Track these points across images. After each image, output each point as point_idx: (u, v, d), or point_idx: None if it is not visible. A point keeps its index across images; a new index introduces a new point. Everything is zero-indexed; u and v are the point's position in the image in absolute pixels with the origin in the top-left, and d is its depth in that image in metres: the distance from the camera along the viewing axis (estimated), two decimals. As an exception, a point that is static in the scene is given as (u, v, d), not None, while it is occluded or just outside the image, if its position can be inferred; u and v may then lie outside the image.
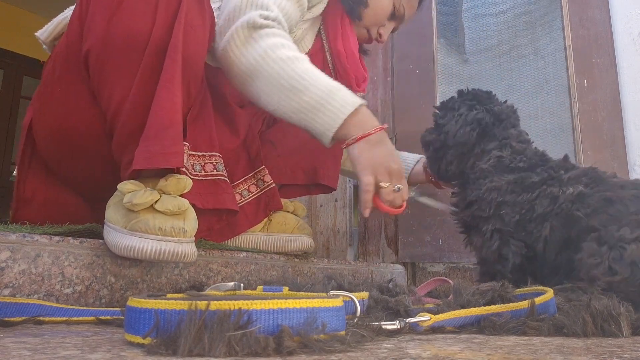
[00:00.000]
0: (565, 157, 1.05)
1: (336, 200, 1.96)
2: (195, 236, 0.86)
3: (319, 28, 1.28)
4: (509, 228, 1.00)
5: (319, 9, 1.22)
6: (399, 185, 1.02)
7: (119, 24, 0.86)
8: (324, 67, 1.25)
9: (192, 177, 0.97)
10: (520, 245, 0.99)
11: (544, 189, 0.98)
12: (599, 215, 0.90)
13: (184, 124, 0.93)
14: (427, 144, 1.20)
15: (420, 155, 1.42)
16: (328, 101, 0.95)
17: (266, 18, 0.98)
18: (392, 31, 1.36)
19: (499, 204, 1.01)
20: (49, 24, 1.08)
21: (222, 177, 1.05)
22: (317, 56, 1.26)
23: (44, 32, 1.07)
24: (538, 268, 1.00)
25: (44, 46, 1.08)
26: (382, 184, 1.01)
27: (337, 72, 1.29)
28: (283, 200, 1.30)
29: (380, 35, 1.32)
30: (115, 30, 0.86)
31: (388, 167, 1.01)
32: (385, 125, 1.03)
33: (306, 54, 1.15)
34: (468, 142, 1.10)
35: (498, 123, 1.10)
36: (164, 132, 0.82)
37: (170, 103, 0.84)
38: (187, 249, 0.82)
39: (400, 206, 1.05)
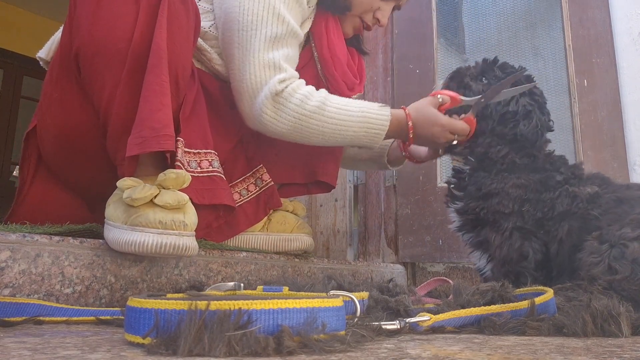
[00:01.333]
0: (580, 163, 1.11)
1: (336, 200, 1.96)
2: (194, 229, 0.86)
3: (309, 36, 1.27)
4: (529, 226, 1.01)
5: (307, 25, 1.22)
6: (455, 142, 1.16)
7: (101, 21, 0.86)
8: (316, 79, 1.24)
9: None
10: (540, 243, 1.00)
11: (565, 188, 1.01)
12: (609, 215, 0.93)
13: (176, 120, 0.93)
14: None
15: None
16: (366, 129, 1.13)
17: (283, 81, 1.07)
18: (395, 9, 1.31)
19: (523, 202, 1.02)
20: (48, 42, 1.08)
21: (218, 174, 1.06)
22: (308, 68, 1.25)
23: (44, 51, 1.08)
24: (549, 269, 1.01)
25: (46, 67, 1.07)
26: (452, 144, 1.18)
27: (327, 80, 1.27)
28: (282, 200, 1.30)
29: (378, 20, 1.28)
30: (99, 27, 0.86)
31: (439, 139, 1.16)
32: (408, 112, 1.16)
33: (296, 68, 1.16)
34: (532, 140, 1.11)
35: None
36: (154, 115, 0.83)
37: (158, 87, 0.85)
38: (188, 242, 0.82)
39: (468, 135, 1.16)
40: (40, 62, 1.09)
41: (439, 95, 1.17)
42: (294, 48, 1.14)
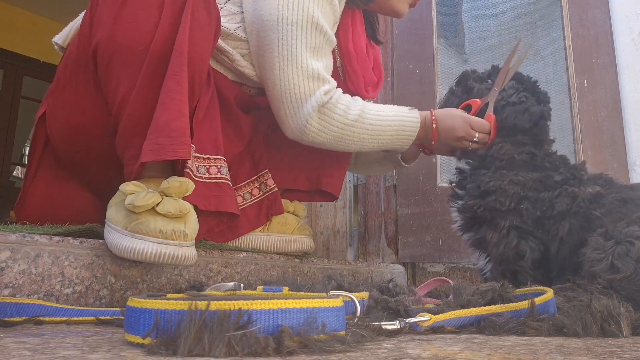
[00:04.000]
0: (583, 163, 1.10)
1: (336, 200, 1.96)
2: (195, 238, 0.86)
3: None
4: (527, 226, 1.00)
5: (334, 29, 1.20)
6: (475, 139, 1.18)
7: (125, 21, 0.86)
8: (334, 73, 1.22)
9: (196, 178, 0.97)
10: (538, 242, 1.00)
11: (565, 188, 1.01)
12: (613, 215, 0.93)
13: (189, 122, 0.93)
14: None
15: None
16: (401, 132, 1.18)
17: (327, 92, 1.09)
18: None
19: (521, 199, 1.02)
20: (66, 28, 1.07)
21: (226, 181, 1.06)
22: None
23: (61, 37, 1.07)
24: (548, 268, 1.00)
25: (61, 52, 1.07)
26: (471, 146, 1.19)
27: (346, 74, 1.26)
28: (283, 200, 1.30)
29: None
30: (121, 27, 0.86)
31: (459, 132, 1.18)
32: (432, 111, 1.21)
33: None
34: (522, 126, 1.12)
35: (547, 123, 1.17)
36: (172, 123, 0.83)
37: (178, 94, 0.84)
38: (187, 252, 0.82)
39: (489, 133, 1.18)
40: (55, 47, 1.08)
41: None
42: (330, 56, 1.15)
